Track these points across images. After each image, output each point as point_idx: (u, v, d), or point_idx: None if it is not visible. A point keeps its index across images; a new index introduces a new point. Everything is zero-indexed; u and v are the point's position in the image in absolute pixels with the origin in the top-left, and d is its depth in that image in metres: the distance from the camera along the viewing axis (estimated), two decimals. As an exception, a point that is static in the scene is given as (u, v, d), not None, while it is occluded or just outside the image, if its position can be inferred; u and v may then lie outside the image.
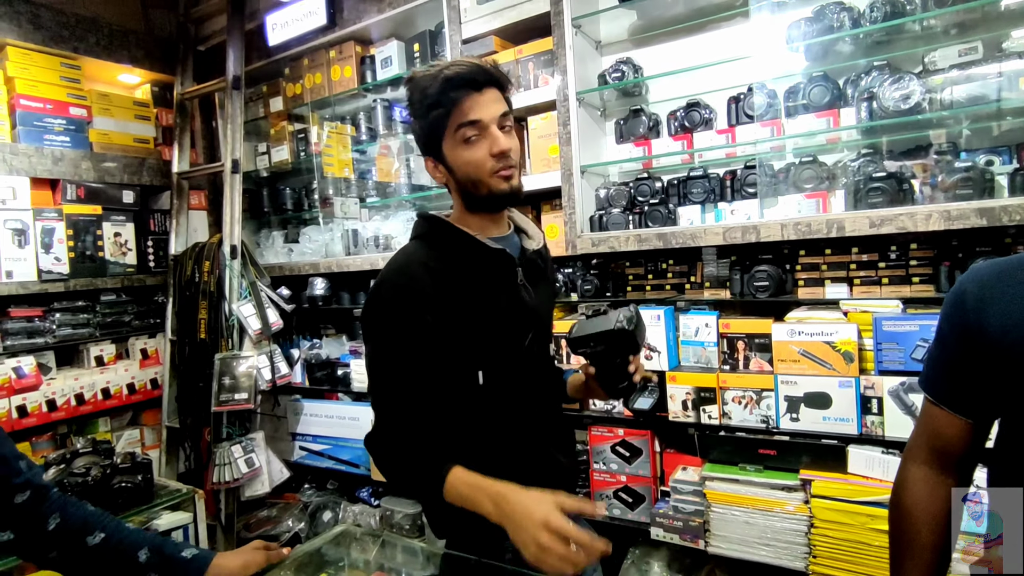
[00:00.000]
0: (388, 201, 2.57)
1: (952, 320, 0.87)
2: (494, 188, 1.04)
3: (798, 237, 1.54)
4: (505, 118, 1.04)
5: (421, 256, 1.08)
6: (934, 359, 0.91)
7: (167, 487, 1.63)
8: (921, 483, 0.91)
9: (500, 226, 1.14)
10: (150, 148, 2.73)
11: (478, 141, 1.03)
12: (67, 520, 0.94)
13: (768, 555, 1.53)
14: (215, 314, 2.42)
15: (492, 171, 1.04)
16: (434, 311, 1.04)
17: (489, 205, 1.08)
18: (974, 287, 0.85)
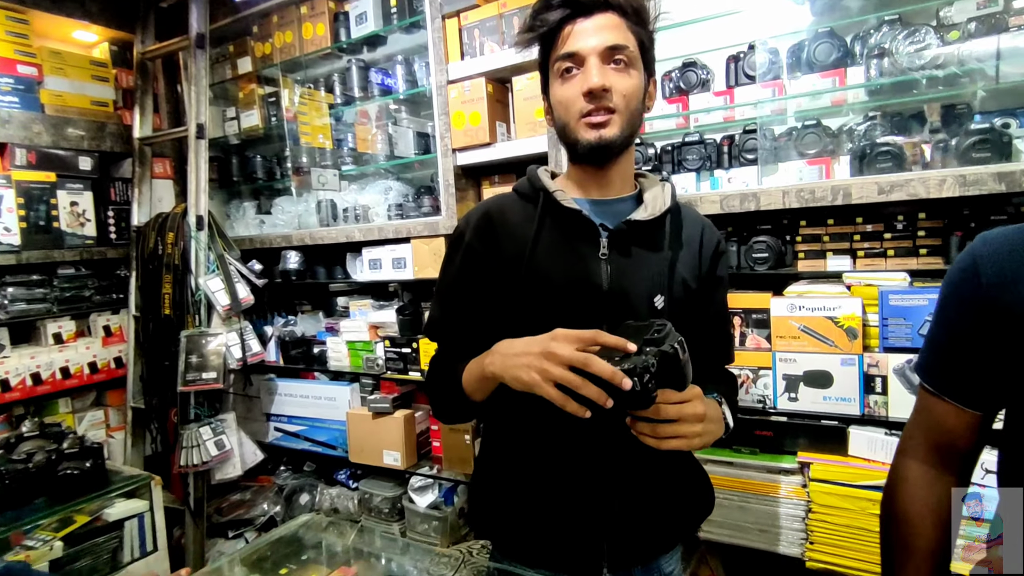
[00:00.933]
0: (365, 169, 2.42)
1: (962, 297, 0.76)
2: (579, 136, 0.90)
3: (801, 205, 1.44)
4: (617, 51, 0.87)
5: (500, 202, 1.01)
6: (936, 343, 0.80)
7: (121, 473, 1.51)
8: (920, 482, 0.81)
9: (608, 186, 0.97)
10: (109, 112, 2.55)
11: (574, 77, 0.89)
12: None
13: (763, 541, 1.45)
14: (180, 289, 2.28)
15: (580, 114, 0.89)
16: (474, 264, 0.98)
17: (580, 157, 0.94)
18: (990, 259, 0.73)
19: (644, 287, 0.93)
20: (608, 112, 0.88)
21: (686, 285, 0.97)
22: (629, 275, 0.93)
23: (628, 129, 0.91)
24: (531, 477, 0.96)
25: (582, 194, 0.99)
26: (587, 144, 0.90)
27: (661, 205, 0.96)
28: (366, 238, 2.18)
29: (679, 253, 0.97)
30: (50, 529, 1.33)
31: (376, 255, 2.19)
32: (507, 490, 0.99)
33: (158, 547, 1.47)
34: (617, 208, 0.97)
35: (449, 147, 1.96)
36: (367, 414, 2.19)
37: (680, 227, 1.00)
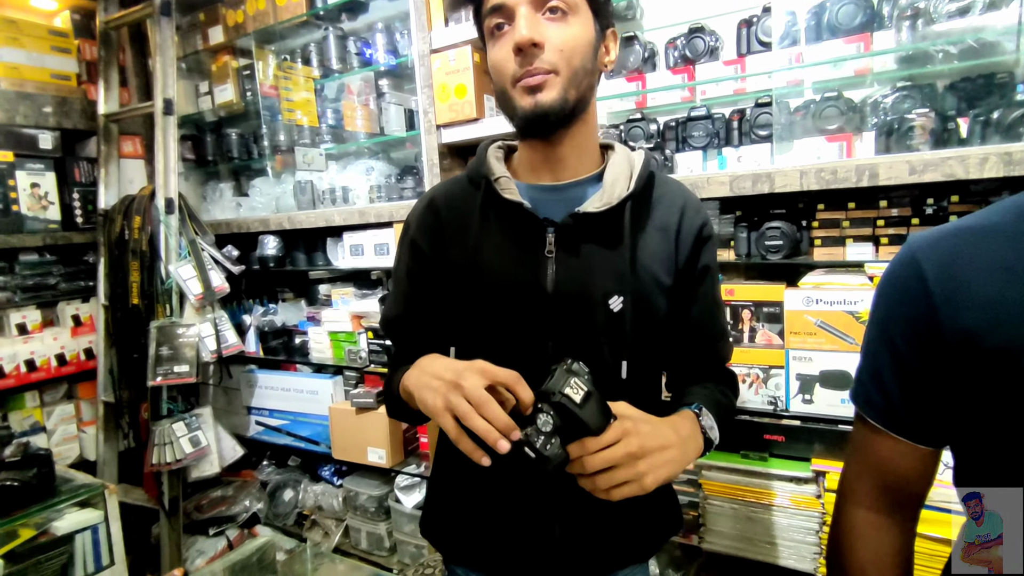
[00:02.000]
0: (346, 147, 2.26)
1: (903, 315, 0.63)
2: (515, 103, 0.76)
3: (821, 187, 1.29)
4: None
5: (447, 190, 0.90)
6: (877, 370, 0.66)
7: (72, 481, 1.39)
8: (870, 533, 0.68)
9: (561, 167, 0.83)
10: (72, 86, 2.38)
11: (504, 34, 0.75)
12: None
13: (772, 555, 1.34)
14: (149, 276, 2.13)
15: (513, 78, 0.75)
16: (421, 263, 0.89)
17: (521, 131, 0.80)
18: (933, 268, 0.61)
19: (598, 288, 0.80)
20: (545, 72, 0.73)
21: (657, 281, 0.82)
22: (579, 275, 0.80)
23: (574, 92, 0.75)
24: (476, 492, 0.88)
25: (533, 178, 0.85)
26: (523, 112, 0.75)
27: (622, 190, 0.81)
28: (347, 222, 2.03)
29: (646, 244, 0.82)
30: (-10, 546, 1.21)
31: (357, 240, 2.05)
32: (455, 502, 0.92)
33: (115, 560, 1.35)
34: (572, 194, 0.83)
35: (433, 123, 1.80)
36: (350, 409, 2.06)
37: (651, 211, 0.84)
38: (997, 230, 0.60)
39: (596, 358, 0.77)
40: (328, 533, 2.27)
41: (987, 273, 0.58)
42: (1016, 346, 0.55)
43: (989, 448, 0.60)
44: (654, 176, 0.86)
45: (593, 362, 0.76)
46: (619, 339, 0.79)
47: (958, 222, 0.63)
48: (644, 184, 0.83)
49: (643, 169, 0.83)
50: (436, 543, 0.94)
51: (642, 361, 0.83)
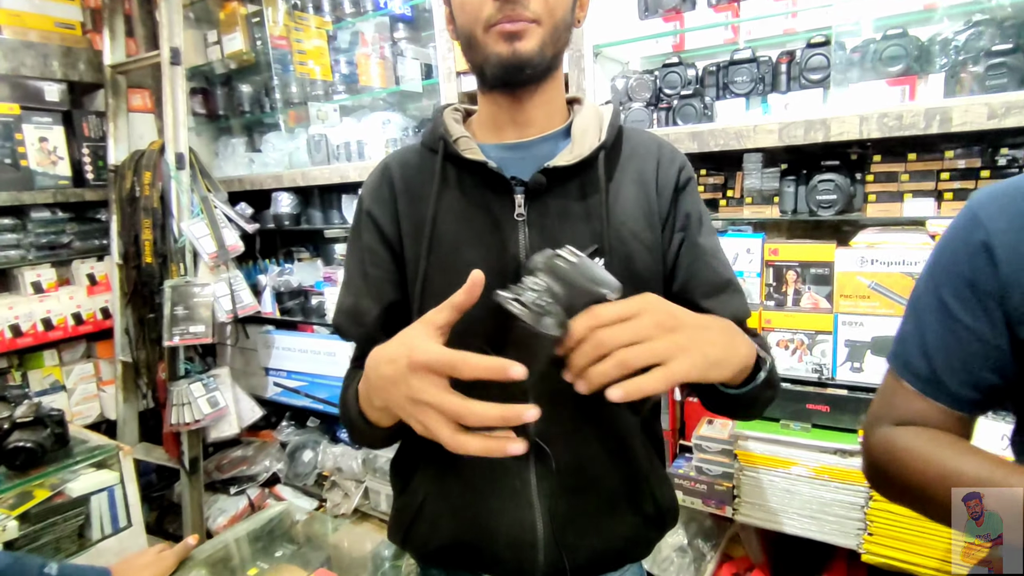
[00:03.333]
0: (361, 99, 2.15)
1: (962, 277, 0.60)
2: (488, 51, 0.67)
3: (883, 135, 1.16)
4: None
5: (403, 157, 0.80)
6: (923, 334, 0.63)
7: (87, 442, 1.36)
8: (903, 431, 0.64)
9: (527, 123, 0.75)
10: (77, 35, 2.28)
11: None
12: None
13: (812, 529, 1.27)
14: (162, 234, 2.08)
15: (488, 22, 0.66)
16: (376, 235, 0.78)
17: (491, 81, 0.71)
18: (999, 229, 0.57)
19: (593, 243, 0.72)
20: (524, 20, 0.66)
21: (639, 238, 0.74)
22: (555, 237, 0.72)
23: (552, 46, 0.69)
24: (454, 495, 0.78)
25: (496, 137, 0.76)
26: (498, 60, 0.68)
27: (593, 140, 0.74)
28: (362, 177, 1.92)
29: (624, 199, 0.75)
30: (6, 507, 1.18)
31: (374, 197, 1.95)
32: (430, 507, 0.80)
33: (132, 522, 1.33)
34: (540, 151, 0.75)
35: (452, 70, 1.68)
36: (368, 372, 2.02)
37: (625, 164, 0.76)
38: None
39: None
40: (348, 495, 2.26)
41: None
42: None
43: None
44: (622, 130, 0.79)
45: None
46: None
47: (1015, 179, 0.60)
48: (615, 136, 0.76)
49: (613, 119, 0.76)
50: (408, 549, 0.84)
51: None
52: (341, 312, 0.81)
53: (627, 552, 0.80)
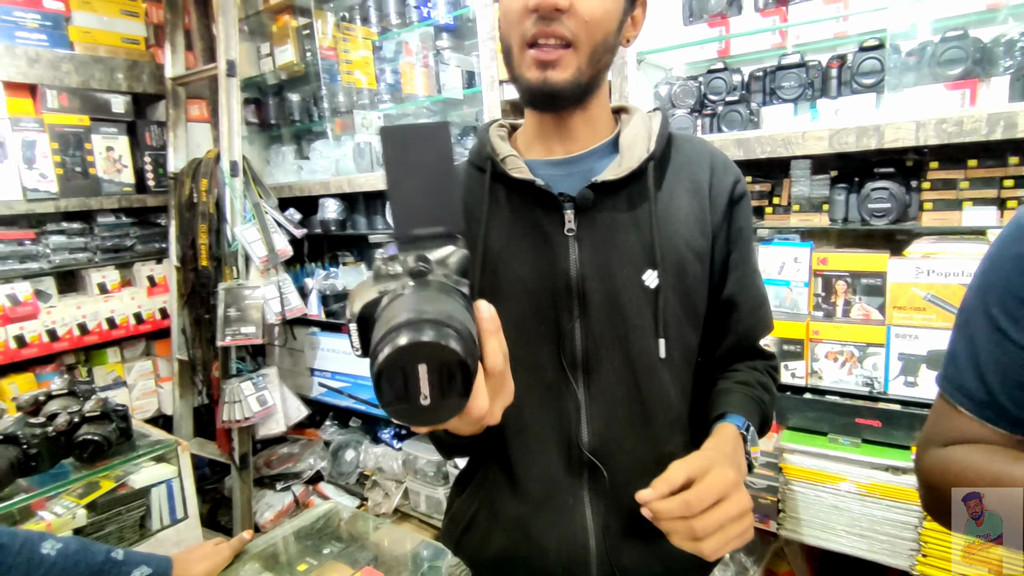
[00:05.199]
0: (405, 108, 2.20)
1: (1013, 294, 0.56)
2: (522, 72, 0.67)
3: (941, 141, 1.12)
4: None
5: None
6: (975, 353, 0.60)
7: (148, 436, 1.44)
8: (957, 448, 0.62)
9: (573, 138, 0.74)
10: (141, 50, 2.41)
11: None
12: None
13: (861, 548, 1.23)
14: (216, 238, 2.17)
15: (523, 39, 0.65)
16: None
17: (525, 98, 0.71)
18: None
19: (628, 264, 0.72)
20: (561, 46, 0.64)
21: (692, 247, 0.74)
22: (605, 252, 0.72)
23: (589, 70, 0.67)
24: (508, 507, 0.78)
25: (542, 153, 0.76)
26: (528, 85, 0.67)
27: (641, 152, 0.72)
28: (406, 185, 1.98)
29: (676, 208, 0.74)
30: (75, 495, 1.26)
31: (417, 204, 2.00)
32: (484, 516, 0.81)
33: (188, 514, 1.40)
34: (587, 165, 0.74)
35: (495, 78, 1.70)
36: (409, 374, 2.05)
37: (677, 172, 0.75)
38: None
39: (629, 338, 0.70)
40: (388, 494, 2.31)
41: None
42: None
43: None
44: (672, 136, 0.77)
45: (626, 343, 0.70)
46: (655, 316, 0.71)
47: None
48: (665, 144, 0.74)
49: (662, 128, 0.75)
50: (459, 554, 0.86)
51: (681, 337, 0.74)
52: None
53: (683, 571, 0.79)
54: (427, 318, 0.36)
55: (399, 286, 0.41)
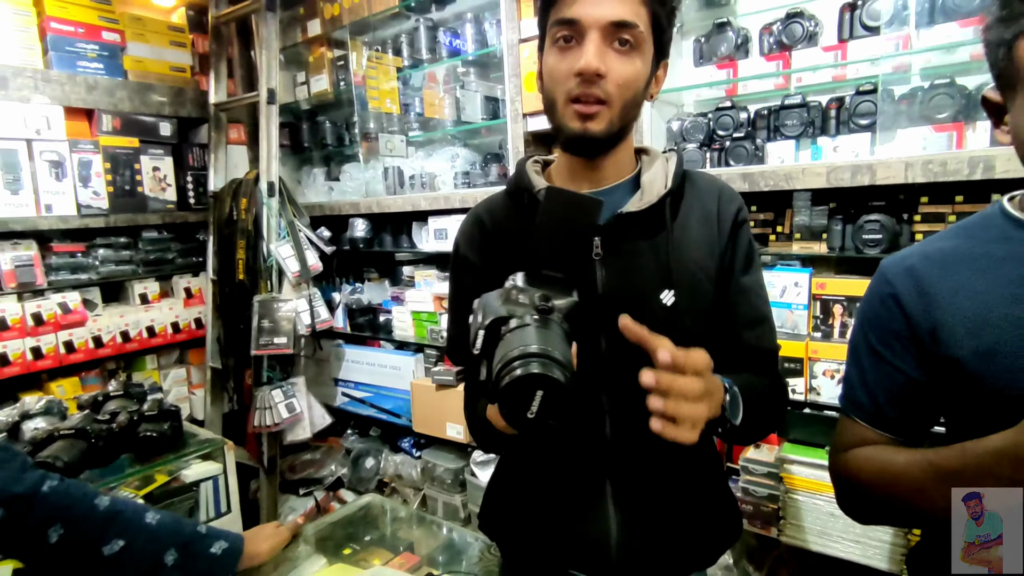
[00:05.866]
0: (432, 135, 2.35)
1: (885, 329, 0.75)
2: (563, 122, 0.79)
3: (928, 180, 1.24)
4: (623, 29, 0.74)
5: (488, 206, 0.94)
6: (863, 377, 0.77)
7: (197, 436, 1.56)
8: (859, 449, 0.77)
9: (600, 178, 0.85)
10: (187, 77, 2.59)
11: (569, 49, 0.76)
12: (74, 530, 0.79)
13: (855, 552, 1.32)
14: (253, 254, 2.32)
15: (567, 96, 0.77)
16: (473, 278, 0.90)
17: (564, 145, 0.83)
18: (905, 289, 0.73)
19: (648, 284, 0.82)
20: (598, 102, 0.76)
21: (703, 269, 0.84)
22: (628, 274, 0.83)
23: (620, 122, 0.80)
24: (537, 491, 0.90)
25: (574, 187, 0.87)
26: (571, 134, 0.79)
27: (660, 188, 0.84)
28: (432, 207, 2.12)
29: (689, 235, 0.85)
30: (132, 487, 1.39)
31: (442, 225, 2.13)
32: (515, 501, 0.94)
33: (231, 508, 1.51)
34: (612, 198, 0.84)
35: (520, 111, 1.84)
36: (431, 385, 2.17)
37: (690, 204, 0.86)
38: (959, 253, 0.72)
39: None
40: (407, 501, 2.41)
41: (955, 297, 0.69)
42: (982, 351, 0.66)
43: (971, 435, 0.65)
44: (687, 173, 0.89)
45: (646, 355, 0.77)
46: (671, 332, 0.78)
47: (922, 245, 0.77)
48: (681, 180, 0.86)
49: (678, 167, 0.87)
50: (494, 537, 0.98)
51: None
52: (448, 341, 0.99)
53: (693, 559, 0.90)
54: (554, 357, 0.51)
55: (525, 314, 0.55)
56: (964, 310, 0.68)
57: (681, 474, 0.87)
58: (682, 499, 0.87)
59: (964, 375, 0.68)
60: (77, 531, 0.78)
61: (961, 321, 0.68)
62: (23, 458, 0.79)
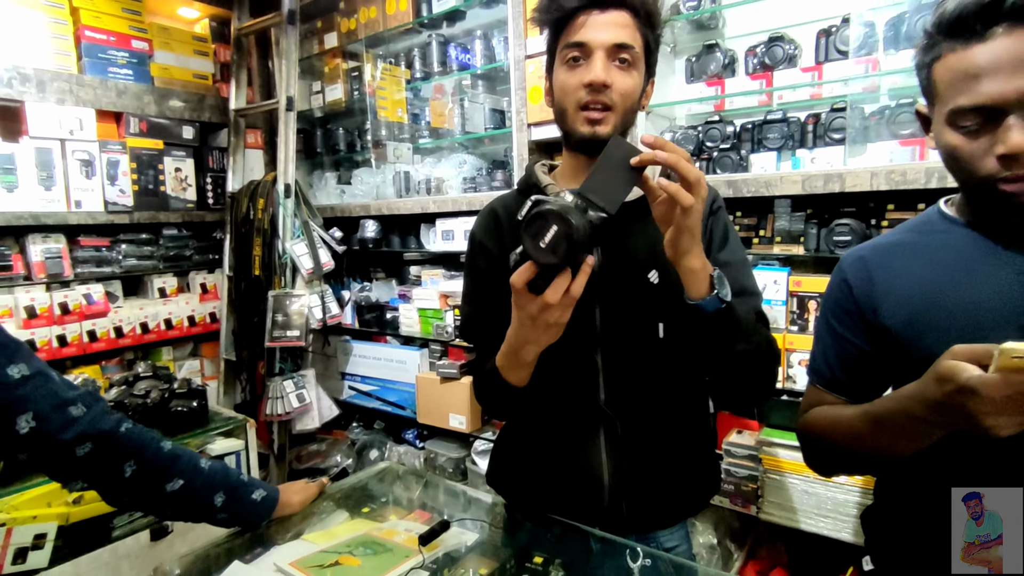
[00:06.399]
0: (441, 143, 2.50)
1: (841, 312, 0.88)
2: (575, 127, 0.94)
3: (890, 188, 1.38)
4: (623, 50, 0.89)
5: (504, 201, 1.09)
6: (824, 351, 0.91)
7: (221, 414, 1.68)
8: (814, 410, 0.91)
9: None
10: (209, 84, 2.74)
11: (579, 67, 0.92)
12: (144, 467, 0.90)
13: (825, 526, 1.45)
14: (269, 251, 2.45)
15: (578, 104, 0.92)
16: (489, 263, 1.05)
17: (574, 146, 0.98)
18: (855, 277, 0.86)
19: (637, 265, 0.96)
20: (605, 109, 0.91)
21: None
22: (621, 256, 0.96)
23: (622, 126, 0.94)
24: (538, 449, 1.04)
25: (576, 184, 1.00)
26: (581, 136, 0.93)
27: None
28: (440, 209, 2.26)
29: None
30: (163, 458, 1.50)
31: (449, 226, 2.27)
32: (518, 458, 1.08)
33: (251, 482, 1.63)
34: None
35: (524, 122, 1.99)
36: (435, 378, 2.30)
37: None
38: (899, 244, 0.85)
39: (636, 320, 0.96)
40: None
41: (892, 279, 0.83)
42: (910, 321, 0.79)
43: None
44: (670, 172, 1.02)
45: (634, 324, 0.95)
46: (655, 304, 0.95)
47: (875, 240, 0.90)
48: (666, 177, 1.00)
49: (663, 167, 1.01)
50: (500, 491, 1.11)
51: (677, 322, 0.96)
52: (463, 318, 1.12)
53: (678, 509, 1.03)
54: (573, 214, 0.70)
55: (564, 200, 0.73)
56: (899, 288, 0.82)
57: (669, 431, 1.00)
58: (667, 451, 1.00)
59: (899, 344, 0.81)
60: (146, 468, 0.90)
61: (896, 299, 0.82)
62: (105, 402, 0.91)
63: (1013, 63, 0.65)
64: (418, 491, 1.25)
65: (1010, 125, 0.66)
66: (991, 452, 0.71)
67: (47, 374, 0.85)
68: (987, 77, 0.67)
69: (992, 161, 0.69)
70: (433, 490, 1.27)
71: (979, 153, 0.70)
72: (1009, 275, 0.74)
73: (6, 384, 0.80)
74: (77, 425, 0.84)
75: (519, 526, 1.08)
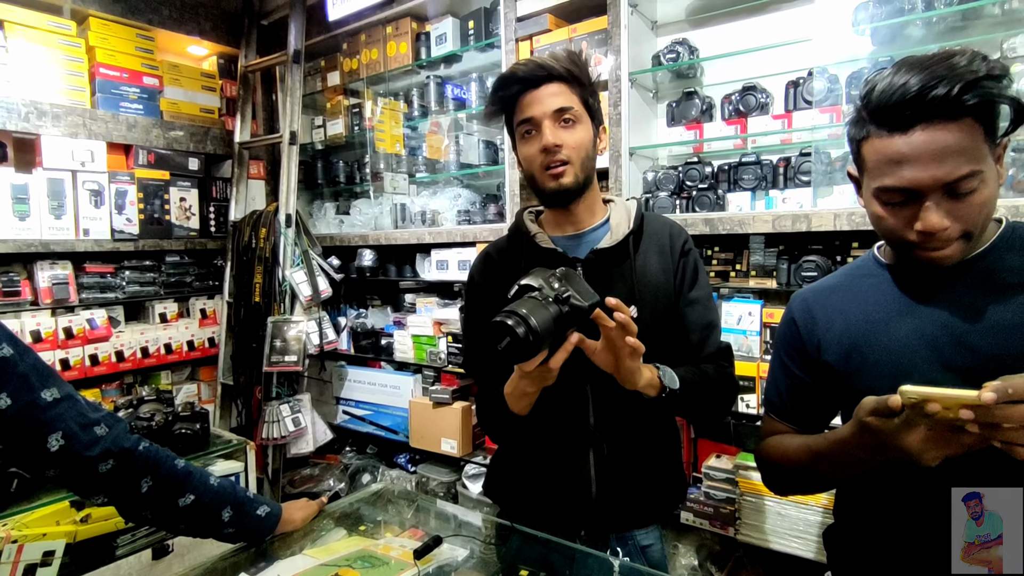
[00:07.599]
0: (437, 177, 2.61)
1: (790, 347, 0.97)
2: (543, 184, 1.07)
3: (851, 228, 1.50)
4: (564, 112, 1.03)
5: (497, 245, 1.23)
6: (775, 382, 1.01)
7: (222, 437, 1.74)
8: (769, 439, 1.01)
9: (577, 221, 1.13)
10: (214, 118, 2.86)
11: (533, 137, 1.06)
12: (160, 483, 0.97)
13: (799, 547, 1.52)
14: (269, 279, 2.53)
15: (541, 166, 1.05)
16: (484, 300, 1.17)
17: (547, 201, 1.11)
18: (800, 317, 0.96)
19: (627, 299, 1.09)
20: (563, 164, 1.04)
21: (660, 288, 1.10)
22: (603, 295, 1.06)
23: (583, 173, 1.06)
24: (536, 465, 1.15)
25: (559, 231, 1.15)
26: (549, 191, 1.07)
27: (624, 229, 1.11)
28: (435, 240, 2.37)
29: (650, 263, 1.11)
30: (166, 479, 1.56)
31: (443, 256, 2.37)
32: (513, 469, 1.20)
33: (249, 503, 1.68)
34: (589, 238, 1.13)
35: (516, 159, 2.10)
36: (428, 403, 2.37)
37: (649, 239, 1.13)
38: (838, 287, 0.95)
39: None
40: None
41: (831, 319, 0.92)
42: (845, 356, 0.89)
43: None
44: (644, 216, 1.16)
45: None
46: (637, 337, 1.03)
47: (818, 282, 1.00)
48: (640, 222, 1.14)
49: (638, 212, 1.15)
50: (497, 500, 1.23)
51: (655, 352, 1.06)
52: (464, 353, 1.24)
53: (652, 512, 1.16)
54: (530, 322, 0.80)
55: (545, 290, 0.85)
56: (836, 326, 0.92)
57: (646, 450, 1.13)
58: (644, 464, 1.12)
59: (838, 378, 0.91)
60: (161, 484, 0.97)
61: (834, 336, 0.92)
62: (125, 423, 0.99)
63: (930, 154, 0.73)
64: (411, 511, 1.32)
65: (928, 207, 0.75)
66: (924, 477, 0.79)
67: (74, 397, 0.93)
68: (909, 164, 0.75)
69: (912, 233, 0.78)
70: (425, 512, 1.34)
71: (901, 224, 0.79)
72: (928, 318, 0.84)
73: (41, 406, 0.88)
74: (101, 443, 0.92)
75: (508, 541, 1.16)
